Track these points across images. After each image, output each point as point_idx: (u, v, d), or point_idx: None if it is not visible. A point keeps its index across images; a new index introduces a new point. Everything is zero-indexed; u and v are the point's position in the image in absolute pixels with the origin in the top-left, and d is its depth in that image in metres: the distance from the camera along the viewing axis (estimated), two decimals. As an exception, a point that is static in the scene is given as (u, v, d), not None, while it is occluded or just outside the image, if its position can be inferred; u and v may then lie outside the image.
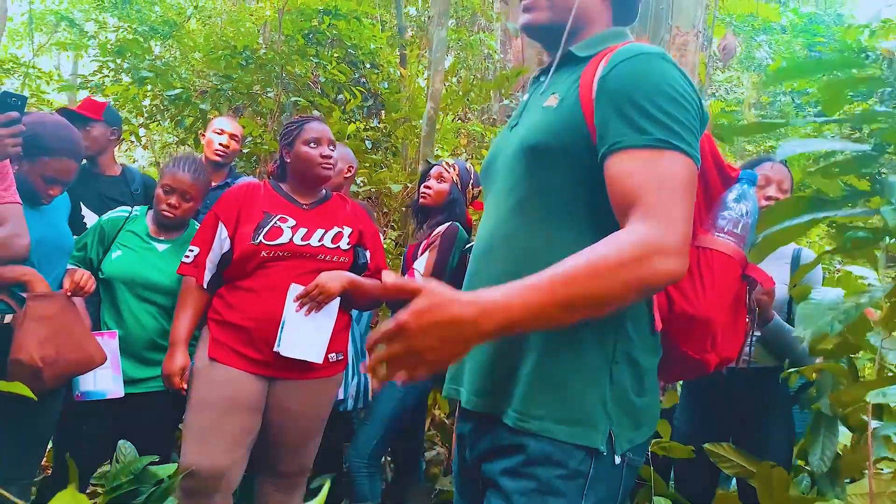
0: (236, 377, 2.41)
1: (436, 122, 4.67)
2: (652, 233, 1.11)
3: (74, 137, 2.45)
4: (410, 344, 1.05)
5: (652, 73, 1.23)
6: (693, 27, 6.19)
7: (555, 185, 1.32)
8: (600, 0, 1.46)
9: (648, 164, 1.17)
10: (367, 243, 2.70)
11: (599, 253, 1.09)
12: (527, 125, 1.40)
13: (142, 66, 5.44)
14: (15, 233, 2.08)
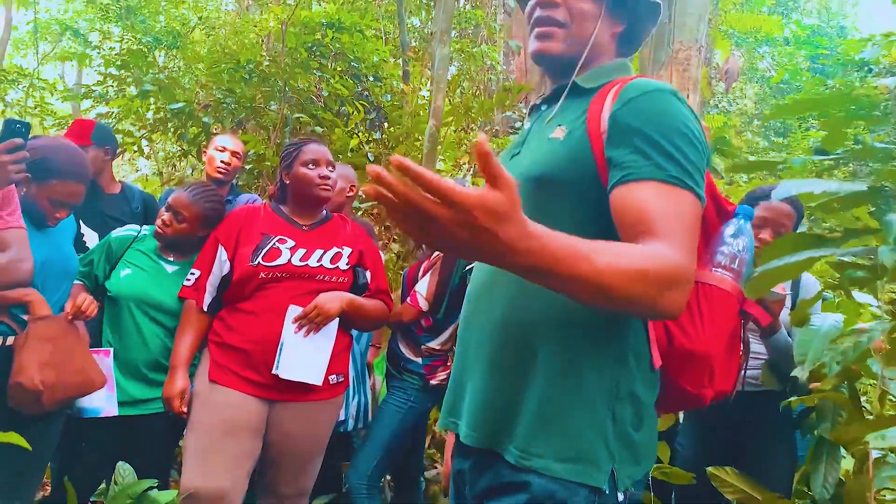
0: (236, 400, 2.41)
1: (437, 139, 4.66)
2: (677, 258, 1.10)
3: (83, 161, 2.46)
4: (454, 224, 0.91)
5: (667, 110, 1.24)
6: (696, 42, 6.20)
7: (560, 219, 1.29)
8: (609, 36, 1.46)
9: (664, 198, 1.17)
10: (368, 263, 2.70)
11: (646, 261, 1.07)
12: (532, 156, 1.39)
13: (145, 79, 5.45)
14: (19, 257, 2.08)
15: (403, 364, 2.96)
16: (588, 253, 1.03)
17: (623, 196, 1.20)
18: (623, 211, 1.20)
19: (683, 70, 6.19)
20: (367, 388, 3.12)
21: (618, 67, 1.45)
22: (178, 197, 2.66)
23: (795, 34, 14.06)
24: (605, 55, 1.46)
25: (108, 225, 2.92)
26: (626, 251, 1.09)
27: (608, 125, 1.27)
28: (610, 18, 1.44)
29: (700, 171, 1.23)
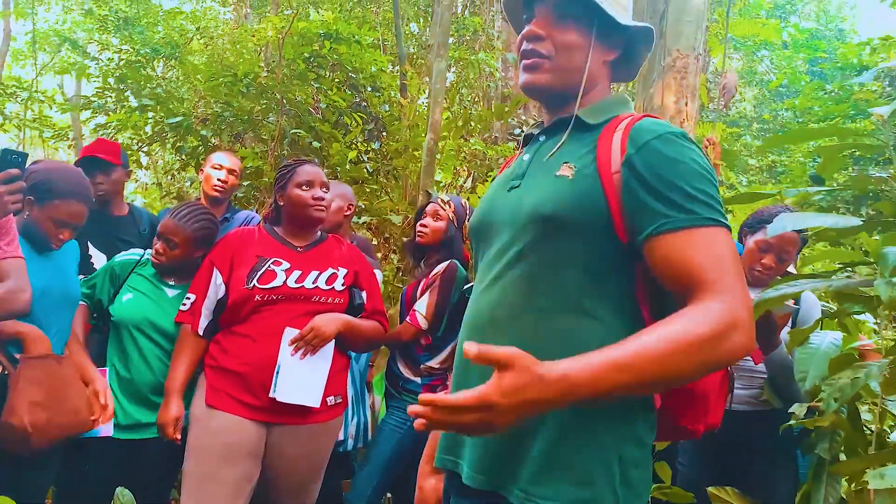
0: (234, 424, 2.40)
1: (436, 152, 4.66)
2: (727, 309, 1.12)
3: (84, 182, 2.46)
4: (490, 419, 1.04)
5: (682, 154, 1.25)
6: (693, 50, 6.17)
7: (566, 259, 1.30)
8: (600, 64, 1.45)
9: (703, 243, 1.19)
10: (363, 284, 2.69)
11: (684, 331, 1.10)
12: (538, 193, 1.36)
13: (143, 92, 5.45)
14: (18, 287, 2.06)
15: (402, 384, 2.95)
16: (622, 361, 1.08)
17: (661, 249, 1.21)
18: (666, 264, 1.21)
19: (681, 78, 6.15)
20: (366, 407, 3.11)
21: (618, 102, 1.46)
22: (166, 224, 2.64)
23: (794, 37, 14.05)
24: (598, 84, 1.46)
25: (116, 247, 2.92)
26: (661, 335, 1.10)
27: (623, 170, 1.27)
28: (600, 47, 1.43)
29: (721, 203, 1.25)
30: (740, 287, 1.15)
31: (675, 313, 1.15)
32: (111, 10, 10.11)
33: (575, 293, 1.28)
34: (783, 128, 12.77)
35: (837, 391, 1.25)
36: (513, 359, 1.04)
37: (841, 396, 1.24)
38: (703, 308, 1.13)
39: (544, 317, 1.29)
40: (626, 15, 1.43)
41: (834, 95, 8.95)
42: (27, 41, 14.09)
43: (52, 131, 8.80)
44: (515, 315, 1.33)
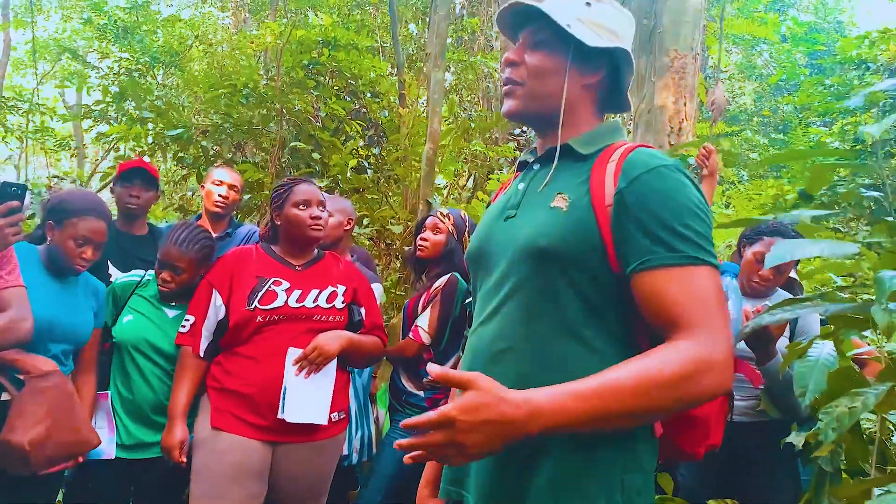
0: (241, 445, 2.41)
1: (435, 162, 4.68)
2: (702, 349, 1.14)
3: (98, 199, 2.52)
4: (455, 438, 1.05)
5: (673, 189, 1.25)
6: (691, 50, 6.19)
7: (563, 291, 1.31)
8: (580, 88, 1.44)
9: (685, 281, 1.19)
10: (362, 300, 2.71)
11: (653, 369, 1.12)
12: (533, 225, 1.37)
13: (143, 105, 5.48)
14: (19, 317, 2.08)
15: (405, 397, 2.97)
16: (592, 392, 1.10)
17: (644, 285, 1.22)
18: (647, 301, 1.22)
19: (680, 78, 6.18)
20: (370, 421, 3.13)
21: (611, 130, 1.46)
22: (169, 252, 2.64)
23: (792, 31, 14.02)
24: (581, 110, 1.45)
25: (136, 266, 2.94)
26: (633, 371, 1.13)
27: (615, 203, 1.27)
28: (578, 71, 1.42)
29: (710, 239, 1.26)
30: (719, 328, 1.16)
31: (652, 350, 1.17)
32: (110, 19, 10.13)
33: (572, 325, 1.29)
34: (784, 122, 12.76)
35: (835, 421, 1.26)
36: (472, 380, 1.07)
37: (839, 426, 1.25)
38: (678, 348, 1.15)
39: (543, 350, 1.30)
40: (603, 36, 1.41)
41: (834, 90, 8.95)
42: (27, 51, 14.12)
43: (54, 141, 8.82)
44: (514, 348, 1.34)
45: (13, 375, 2.27)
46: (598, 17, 1.41)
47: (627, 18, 1.46)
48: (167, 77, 10.23)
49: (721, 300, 1.20)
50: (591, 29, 1.39)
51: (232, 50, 10.16)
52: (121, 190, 3.24)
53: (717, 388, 1.14)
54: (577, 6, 1.41)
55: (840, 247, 1.31)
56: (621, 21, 1.44)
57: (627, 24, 1.45)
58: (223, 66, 8.35)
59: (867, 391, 1.31)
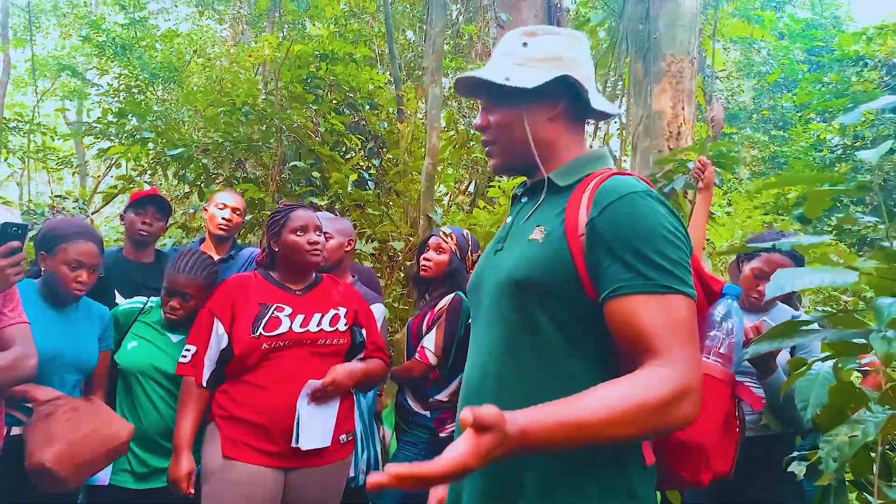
0: (254, 473, 2.41)
1: (434, 177, 4.69)
2: (676, 377, 1.15)
3: (86, 224, 2.56)
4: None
5: (644, 216, 1.26)
6: (688, 54, 6.21)
7: (543, 322, 1.33)
8: (547, 123, 1.47)
9: (656, 310, 1.21)
10: (362, 322, 2.73)
11: (633, 395, 1.14)
12: (513, 257, 1.42)
13: (143, 125, 5.50)
14: (24, 354, 2.10)
15: (412, 418, 2.98)
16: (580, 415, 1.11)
17: (616, 312, 1.24)
18: (619, 328, 1.24)
19: (677, 83, 6.20)
20: (376, 441, 3.14)
21: (592, 159, 1.48)
22: (177, 280, 2.65)
23: (789, 27, 14.02)
24: (554, 141, 1.48)
25: (140, 293, 2.96)
26: (619, 395, 1.14)
27: (586, 231, 1.30)
28: (536, 110, 1.46)
29: (684, 266, 1.26)
30: (690, 355, 1.18)
31: (630, 375, 1.18)
32: (108, 36, 10.18)
33: (553, 353, 1.32)
34: (784, 119, 12.74)
35: (836, 451, 1.27)
36: (494, 422, 1.06)
37: (840, 457, 1.26)
38: (653, 374, 1.16)
39: (525, 379, 1.34)
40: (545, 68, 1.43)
41: (832, 88, 8.95)
42: (27, 69, 14.20)
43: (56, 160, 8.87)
44: (498, 378, 1.38)
45: (24, 406, 2.30)
46: (537, 52, 1.45)
47: (568, 38, 1.49)
48: (167, 92, 10.28)
49: (692, 328, 1.21)
50: (534, 67, 1.43)
51: (230, 63, 10.19)
52: (133, 217, 3.26)
53: (690, 415, 1.16)
54: (515, 51, 1.46)
55: (839, 275, 1.32)
56: (561, 44, 1.47)
57: (569, 43, 1.47)
58: (222, 80, 8.37)
59: (867, 418, 1.32)
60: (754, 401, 1.52)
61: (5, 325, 2.09)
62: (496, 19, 10.20)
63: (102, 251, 2.57)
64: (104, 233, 9.30)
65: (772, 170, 12.68)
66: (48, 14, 15.60)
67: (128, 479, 2.63)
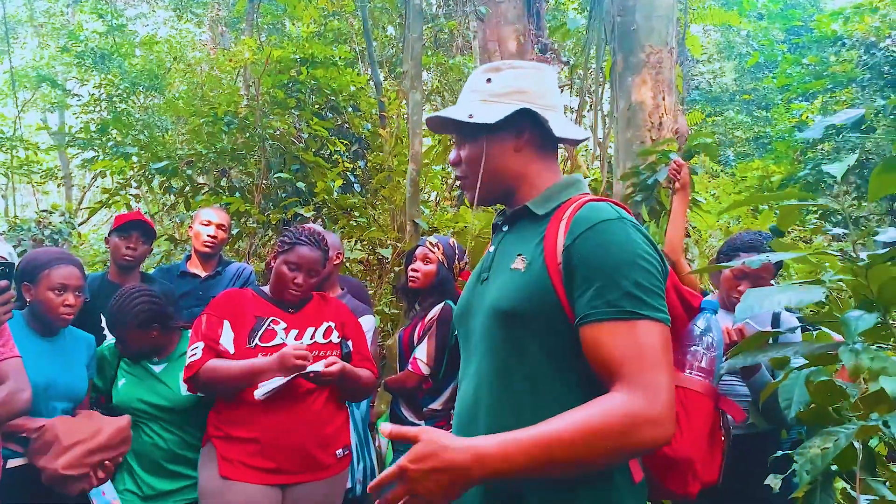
0: (252, 493, 2.44)
1: (419, 183, 4.71)
2: (637, 403, 1.18)
3: (64, 251, 2.61)
4: (411, 487, 1.15)
5: (615, 243, 1.29)
6: (666, 45, 6.23)
7: (530, 350, 1.36)
8: (513, 154, 1.51)
9: (623, 336, 1.23)
10: (350, 335, 2.76)
11: (589, 421, 1.18)
12: (497, 287, 1.44)
13: (126, 140, 5.50)
14: (17, 388, 2.12)
15: (407, 427, 3.01)
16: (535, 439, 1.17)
17: (587, 339, 1.28)
18: (589, 354, 1.28)
19: (657, 73, 6.22)
20: (371, 451, 3.17)
21: (567, 185, 1.52)
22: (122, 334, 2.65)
23: (768, 8, 14.06)
24: (525, 170, 1.52)
25: None
26: (577, 419, 1.19)
27: (562, 259, 1.33)
28: (502, 142, 1.50)
29: (656, 292, 1.29)
30: (656, 381, 1.20)
31: (593, 401, 1.22)
32: (87, 46, 10.11)
33: (541, 379, 1.36)
34: (766, 100, 12.80)
35: (809, 463, 1.31)
36: (417, 434, 1.18)
37: (813, 469, 1.30)
38: (613, 400, 1.20)
39: (516, 405, 1.37)
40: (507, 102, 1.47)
41: (812, 69, 9.00)
42: (6, 80, 14.08)
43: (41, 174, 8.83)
44: (490, 405, 1.42)
45: (20, 438, 2.33)
46: (500, 87, 1.50)
47: (531, 70, 1.53)
48: (148, 98, 10.25)
49: (661, 354, 1.24)
50: (497, 102, 1.48)
51: (211, 68, 10.16)
52: (117, 241, 3.26)
53: (657, 439, 1.19)
54: (480, 88, 1.52)
55: (807, 293, 1.36)
56: (524, 77, 1.51)
57: (532, 75, 1.51)
58: (203, 86, 8.35)
59: (840, 430, 1.37)
60: (736, 413, 1.57)
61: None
62: (475, 13, 10.22)
63: (84, 274, 2.60)
64: (92, 242, 9.27)
65: (756, 150, 12.74)
66: (24, 24, 15.48)
67: (135, 500, 2.64)
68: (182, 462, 2.66)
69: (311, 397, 2.56)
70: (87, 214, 7.59)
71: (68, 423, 2.38)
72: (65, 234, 7.02)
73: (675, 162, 3.19)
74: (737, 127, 13.52)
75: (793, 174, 8.34)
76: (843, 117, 1.62)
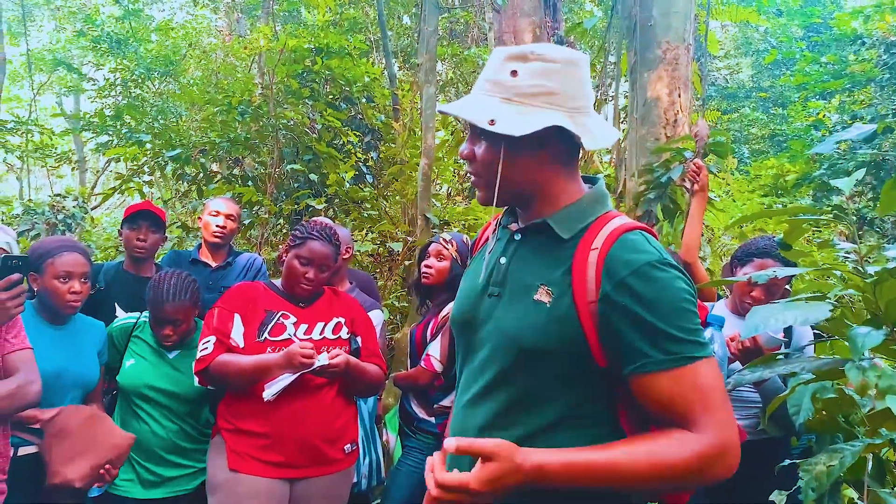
0: (261, 486, 2.46)
1: (430, 177, 4.71)
2: (711, 443, 1.19)
3: (69, 238, 2.62)
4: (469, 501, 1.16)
5: (661, 290, 1.25)
6: (683, 41, 6.19)
7: (548, 385, 1.33)
8: (530, 162, 1.38)
9: (683, 381, 1.22)
10: (359, 330, 2.77)
11: (666, 456, 1.19)
12: (517, 318, 1.36)
13: (140, 128, 5.52)
14: (27, 381, 2.13)
15: (417, 424, 3.01)
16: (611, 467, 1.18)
17: (644, 387, 1.25)
18: (650, 403, 1.25)
19: (673, 70, 6.18)
20: (377, 446, 3.18)
21: (593, 201, 1.41)
22: (163, 309, 2.67)
23: (787, 4, 13.90)
24: (547, 181, 1.40)
25: (142, 307, 2.99)
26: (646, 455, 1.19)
27: (601, 305, 1.27)
28: (522, 152, 1.36)
29: (699, 329, 1.27)
30: (726, 417, 1.21)
31: (663, 434, 1.22)
32: (103, 31, 10.14)
33: (560, 416, 1.32)
34: (783, 98, 12.69)
35: (814, 480, 1.31)
36: (496, 452, 1.15)
37: (818, 487, 1.30)
38: (692, 439, 1.20)
39: (532, 442, 1.29)
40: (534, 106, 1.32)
41: (830, 69, 8.90)
42: (22, 62, 14.15)
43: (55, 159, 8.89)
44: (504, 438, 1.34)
45: (30, 428, 2.35)
46: (527, 86, 1.32)
47: (563, 66, 1.34)
48: (163, 83, 10.27)
49: (719, 390, 1.23)
50: (522, 103, 1.32)
51: (226, 56, 10.17)
52: (128, 233, 3.27)
53: (726, 472, 1.20)
54: (503, 81, 1.34)
55: (812, 311, 1.35)
56: (555, 75, 1.33)
57: (562, 71, 1.33)
58: (218, 73, 8.36)
59: (845, 448, 1.36)
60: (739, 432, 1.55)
61: (8, 351, 2.12)
62: (492, 3, 10.17)
63: (90, 261, 2.60)
64: (105, 226, 9.31)
65: (772, 148, 12.64)
66: (41, 6, 15.54)
67: (134, 487, 2.67)
68: (180, 452, 2.70)
69: (321, 392, 2.57)
70: (100, 199, 7.63)
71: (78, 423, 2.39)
72: (78, 218, 7.07)
73: (695, 164, 3.16)
74: (752, 124, 13.42)
75: (807, 173, 8.28)
76: (856, 133, 1.61)
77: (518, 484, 1.15)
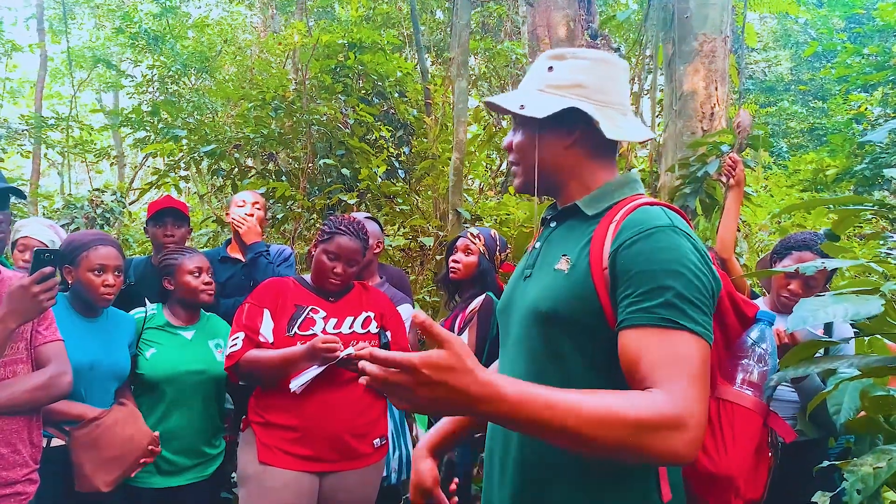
0: (290, 479, 2.48)
1: (462, 171, 4.69)
2: (668, 407, 1.10)
3: (103, 233, 2.68)
4: (410, 385, 1.01)
5: (660, 250, 1.23)
6: (720, 33, 6.07)
7: (569, 352, 1.33)
8: (564, 150, 1.46)
9: (658, 344, 1.17)
10: (389, 325, 2.77)
11: (615, 404, 1.08)
12: (538, 287, 1.40)
13: (176, 123, 5.59)
14: (59, 372, 2.15)
15: (444, 417, 3.01)
16: (552, 401, 1.06)
17: (623, 343, 1.22)
18: (623, 359, 1.22)
19: (710, 63, 6.07)
20: (407, 439, 3.18)
21: (621, 184, 1.45)
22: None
23: (829, -5, 13.61)
24: (576, 167, 1.47)
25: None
26: (600, 401, 1.09)
27: (608, 265, 1.28)
28: (553, 137, 1.45)
29: (699, 304, 1.21)
30: (692, 393, 1.12)
31: (628, 390, 1.15)
32: (140, 28, 10.30)
33: (578, 383, 1.27)
34: (823, 91, 12.41)
35: (860, 482, 1.26)
36: (449, 341, 1.02)
37: (865, 489, 1.25)
38: (649, 395, 1.12)
39: None
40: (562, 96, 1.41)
41: (872, 60, 8.67)
42: (63, 60, 14.42)
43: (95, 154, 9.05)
44: None
45: (60, 425, 2.40)
46: (560, 78, 1.45)
47: (595, 63, 1.45)
48: (199, 80, 10.40)
49: (697, 367, 1.16)
50: (553, 94, 1.43)
51: (261, 51, 10.26)
52: (154, 230, 3.31)
53: (675, 451, 1.09)
54: (540, 76, 1.47)
55: (864, 305, 1.29)
56: (587, 70, 1.44)
57: (595, 68, 1.44)
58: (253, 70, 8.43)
59: (892, 449, 1.31)
60: (786, 432, 1.50)
61: (40, 343, 2.15)
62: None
63: (123, 255, 2.65)
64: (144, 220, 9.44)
65: (811, 142, 12.39)
66: (82, 4, 15.84)
67: (154, 477, 2.70)
68: (200, 441, 2.78)
69: (350, 387, 2.57)
70: (138, 194, 7.75)
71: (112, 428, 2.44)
72: (116, 212, 7.20)
73: (731, 158, 3.10)
74: (791, 118, 13.16)
75: (848, 168, 8.08)
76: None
77: (465, 393, 1.01)
